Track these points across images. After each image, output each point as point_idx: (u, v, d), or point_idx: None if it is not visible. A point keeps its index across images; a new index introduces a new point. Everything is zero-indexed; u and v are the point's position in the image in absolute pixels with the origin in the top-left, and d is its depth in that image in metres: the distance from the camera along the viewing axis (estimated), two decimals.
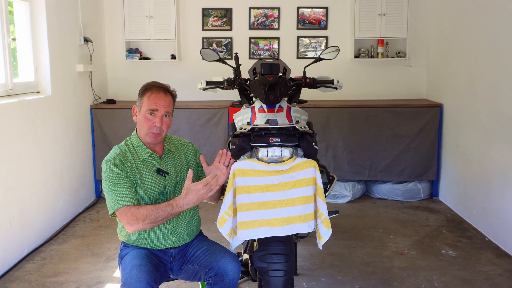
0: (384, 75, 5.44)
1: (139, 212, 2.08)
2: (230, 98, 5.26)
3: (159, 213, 2.08)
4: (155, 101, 2.23)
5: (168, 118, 2.27)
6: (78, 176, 4.65)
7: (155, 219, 2.08)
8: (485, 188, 3.97)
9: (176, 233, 2.27)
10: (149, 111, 2.23)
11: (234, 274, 2.15)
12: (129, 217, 2.09)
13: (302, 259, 3.49)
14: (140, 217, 2.07)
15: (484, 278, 3.22)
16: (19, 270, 3.38)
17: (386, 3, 5.15)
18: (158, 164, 2.28)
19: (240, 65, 3.12)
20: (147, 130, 2.23)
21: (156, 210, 2.08)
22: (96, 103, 5.04)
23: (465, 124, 4.37)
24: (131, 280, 1.99)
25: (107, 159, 2.21)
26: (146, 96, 2.25)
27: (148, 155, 2.27)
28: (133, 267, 2.05)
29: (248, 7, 5.42)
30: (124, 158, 2.22)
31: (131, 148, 2.28)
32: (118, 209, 2.11)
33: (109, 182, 2.16)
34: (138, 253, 2.18)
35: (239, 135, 2.22)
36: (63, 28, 4.36)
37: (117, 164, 2.18)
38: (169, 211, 2.09)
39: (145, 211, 2.08)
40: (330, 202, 4.86)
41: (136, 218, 2.08)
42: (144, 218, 2.07)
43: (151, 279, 2.02)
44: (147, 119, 2.23)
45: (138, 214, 2.08)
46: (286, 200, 2.09)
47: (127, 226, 2.11)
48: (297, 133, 2.20)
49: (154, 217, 2.08)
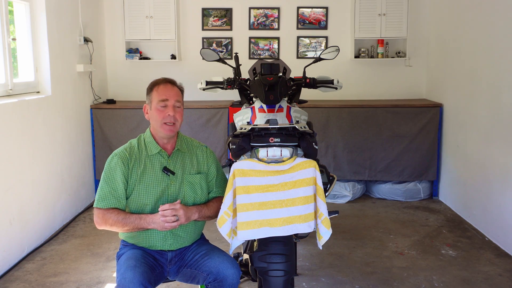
0: (384, 75, 5.44)
1: (109, 217, 2.18)
2: (230, 98, 5.26)
3: (127, 222, 2.17)
4: (164, 92, 2.25)
5: (179, 109, 2.28)
6: (78, 176, 4.65)
7: (121, 226, 2.19)
8: (485, 188, 3.97)
9: (175, 236, 2.26)
10: (160, 102, 2.24)
11: (234, 280, 2.14)
12: (99, 218, 2.20)
13: (302, 259, 3.49)
14: (109, 221, 2.19)
15: (484, 278, 3.22)
16: (19, 270, 3.38)
17: (386, 3, 5.15)
18: (165, 162, 2.27)
19: (240, 65, 3.12)
20: (161, 121, 2.23)
21: (125, 220, 2.17)
22: (96, 103, 5.04)
23: (465, 124, 4.37)
24: (124, 282, 1.99)
25: (114, 152, 2.27)
26: (154, 90, 2.27)
27: (157, 151, 2.27)
28: (127, 268, 2.05)
29: (248, 7, 5.42)
30: (130, 153, 2.24)
31: (142, 143, 2.29)
32: (97, 207, 2.23)
33: (103, 177, 2.24)
34: (134, 254, 2.18)
35: (239, 135, 2.22)
36: (63, 28, 4.36)
37: (121, 159, 2.22)
38: (137, 223, 2.17)
39: (115, 218, 2.17)
40: (330, 202, 4.86)
41: (104, 221, 2.20)
42: (112, 224, 2.19)
43: (145, 280, 2.01)
44: (160, 111, 2.24)
45: (108, 219, 2.18)
46: (286, 200, 2.09)
47: (96, 224, 2.24)
48: (297, 133, 2.20)
49: (121, 225, 2.18)
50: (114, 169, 2.21)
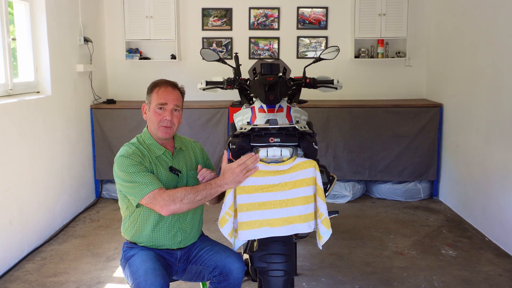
0: (384, 75, 5.44)
1: (175, 192, 2.06)
2: (230, 98, 5.26)
3: (198, 192, 2.06)
4: (164, 95, 2.23)
5: (178, 113, 2.27)
6: (78, 176, 4.65)
7: (193, 198, 2.06)
8: (485, 188, 3.97)
9: (184, 232, 2.26)
10: (158, 105, 2.23)
11: (239, 274, 2.16)
12: (164, 198, 2.05)
13: (302, 259, 3.49)
14: (178, 196, 2.04)
15: (484, 278, 3.22)
16: (19, 270, 3.38)
17: (386, 3, 5.15)
18: (170, 162, 2.28)
19: (240, 65, 3.12)
20: (158, 124, 2.23)
21: (194, 190, 2.07)
22: (96, 103, 5.04)
23: (465, 124, 4.37)
24: (145, 284, 1.97)
25: (124, 155, 2.18)
26: (154, 92, 2.26)
27: (161, 152, 2.26)
28: (147, 271, 2.02)
29: (248, 7, 5.42)
30: (142, 155, 2.20)
31: (144, 145, 2.27)
32: (149, 193, 2.07)
33: (129, 173, 2.12)
34: (148, 255, 2.15)
35: (239, 135, 2.22)
36: (63, 28, 4.36)
37: (136, 159, 2.16)
38: (208, 191, 2.08)
39: (183, 191, 2.06)
40: (330, 202, 4.86)
41: (173, 198, 2.04)
42: (182, 198, 2.04)
43: (165, 283, 2.01)
44: (157, 114, 2.23)
45: (175, 195, 2.05)
46: (286, 200, 2.09)
47: (162, 209, 2.05)
48: (297, 133, 2.20)
49: (192, 196, 2.06)
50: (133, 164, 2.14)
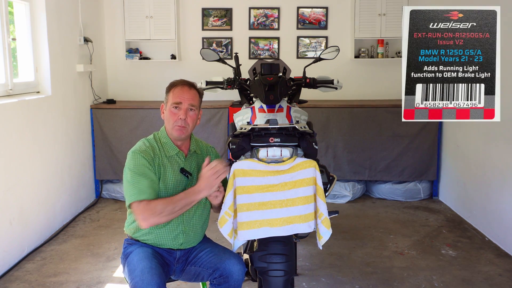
0: (384, 75, 5.44)
1: (155, 206, 2.08)
2: (230, 98, 5.26)
3: (176, 203, 2.09)
4: (179, 95, 2.25)
5: (193, 113, 2.27)
6: (78, 176, 4.65)
7: (172, 209, 2.08)
8: (485, 188, 3.97)
9: (187, 235, 2.27)
10: (173, 104, 2.25)
11: (239, 276, 2.16)
12: (145, 211, 2.07)
13: (302, 259, 3.49)
14: (158, 210, 2.07)
15: (484, 278, 3.22)
16: (19, 270, 3.38)
17: (386, 3, 5.15)
18: (182, 163, 2.28)
19: (240, 65, 3.12)
20: (173, 124, 2.24)
21: (173, 201, 2.09)
22: (96, 103, 5.04)
23: (465, 124, 4.37)
24: (142, 284, 1.97)
25: (135, 150, 2.21)
26: (171, 91, 2.29)
27: (174, 152, 2.27)
28: (144, 270, 2.03)
29: (248, 7, 5.42)
30: (153, 152, 2.22)
31: (159, 143, 2.29)
32: (135, 201, 2.10)
33: (133, 172, 2.15)
34: (145, 253, 2.15)
35: (239, 135, 2.22)
36: (63, 28, 4.36)
37: (146, 157, 2.19)
38: (186, 200, 2.10)
39: (162, 204, 2.08)
40: (330, 202, 4.86)
41: (152, 212, 2.06)
42: (162, 211, 2.07)
43: (162, 282, 2.01)
44: (172, 113, 2.25)
45: (155, 208, 2.07)
46: (286, 200, 2.09)
47: (142, 222, 2.08)
48: (297, 133, 2.20)
49: (171, 208, 2.08)
50: (143, 164, 2.17)
